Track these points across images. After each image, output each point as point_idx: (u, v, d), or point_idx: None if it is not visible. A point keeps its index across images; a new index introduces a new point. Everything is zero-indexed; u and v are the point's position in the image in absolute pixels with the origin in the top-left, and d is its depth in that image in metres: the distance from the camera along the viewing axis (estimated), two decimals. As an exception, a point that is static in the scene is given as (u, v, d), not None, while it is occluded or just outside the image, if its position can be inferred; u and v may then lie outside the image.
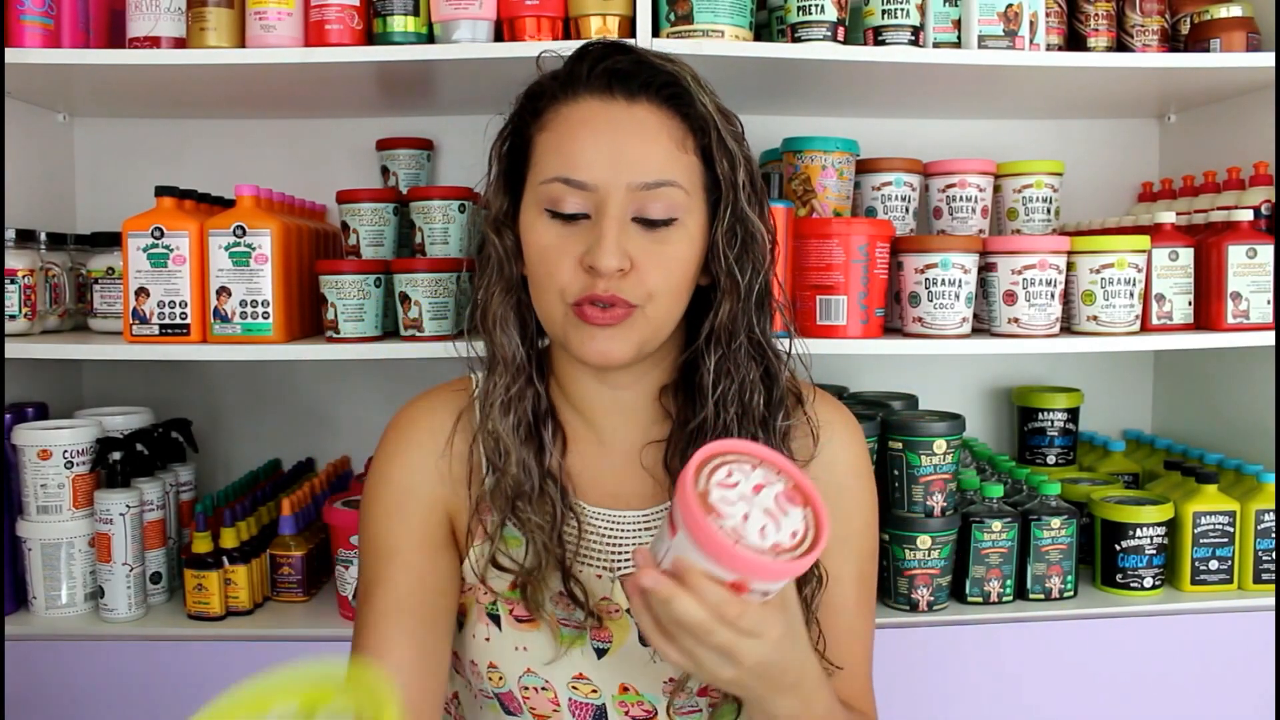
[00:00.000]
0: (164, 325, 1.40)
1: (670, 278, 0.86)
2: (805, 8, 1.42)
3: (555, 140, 0.87)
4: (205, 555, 1.46)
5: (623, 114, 0.86)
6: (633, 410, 0.95)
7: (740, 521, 0.69)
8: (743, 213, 0.89)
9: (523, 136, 0.91)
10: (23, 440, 1.45)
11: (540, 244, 0.87)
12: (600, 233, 0.84)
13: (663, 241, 0.86)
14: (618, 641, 0.92)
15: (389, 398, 1.81)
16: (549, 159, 0.87)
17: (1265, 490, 1.55)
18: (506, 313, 0.93)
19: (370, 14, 1.40)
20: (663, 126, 0.86)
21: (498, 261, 0.92)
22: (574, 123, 0.87)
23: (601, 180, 0.84)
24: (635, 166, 0.84)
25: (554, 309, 0.87)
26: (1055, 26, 1.54)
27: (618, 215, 0.84)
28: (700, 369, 0.92)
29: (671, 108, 0.87)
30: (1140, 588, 1.54)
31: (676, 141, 0.87)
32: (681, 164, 0.87)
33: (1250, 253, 1.51)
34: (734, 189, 0.88)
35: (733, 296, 0.90)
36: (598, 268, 0.83)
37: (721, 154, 0.88)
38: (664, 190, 0.85)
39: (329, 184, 1.67)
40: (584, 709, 0.93)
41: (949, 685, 1.47)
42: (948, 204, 1.62)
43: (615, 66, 0.87)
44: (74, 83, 1.56)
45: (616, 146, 0.85)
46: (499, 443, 0.91)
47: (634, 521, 0.94)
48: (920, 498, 1.46)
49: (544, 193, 0.86)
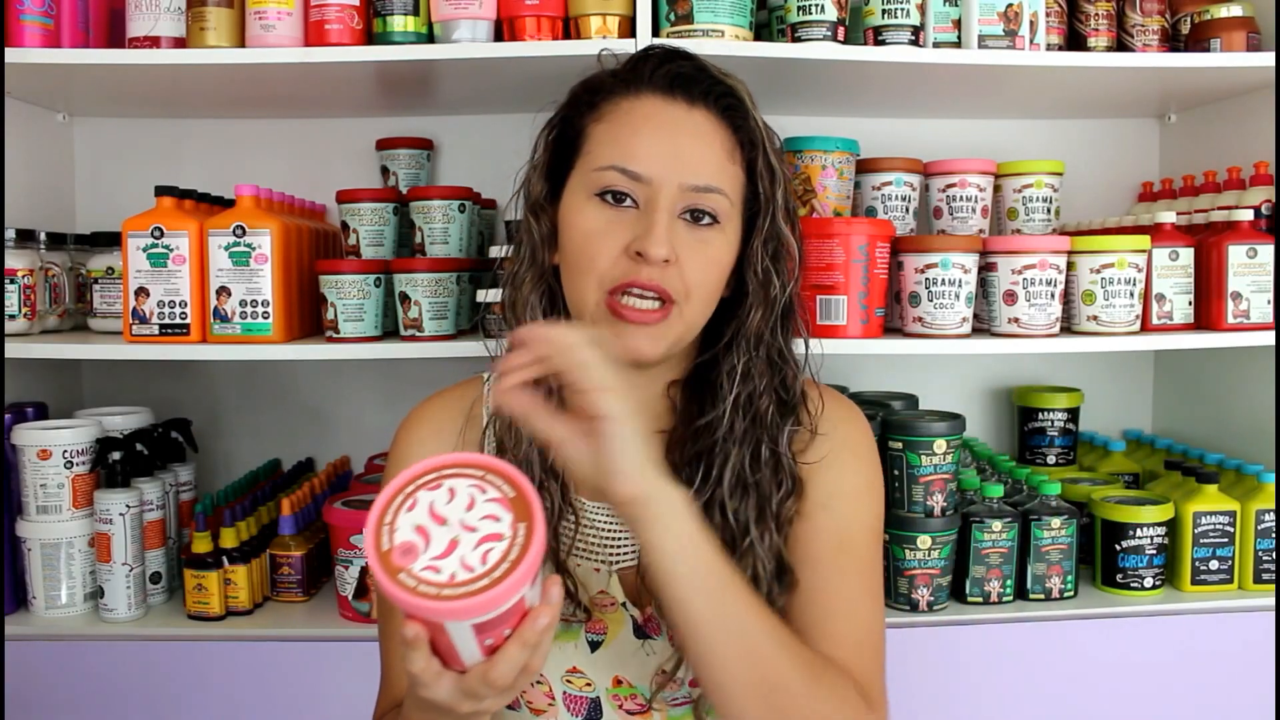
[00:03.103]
0: (164, 325, 1.40)
1: (708, 277, 0.89)
2: (805, 8, 1.42)
3: (613, 131, 0.90)
4: (205, 555, 1.46)
5: (683, 115, 0.90)
6: (641, 403, 0.95)
7: (436, 557, 0.63)
8: (779, 228, 0.93)
9: (575, 126, 0.93)
10: (22, 440, 1.45)
11: (585, 227, 0.88)
12: (651, 222, 0.86)
13: (705, 241, 0.89)
14: (611, 634, 0.93)
15: (389, 398, 1.81)
16: (605, 148, 0.89)
17: (1265, 490, 1.55)
18: (535, 302, 0.94)
19: (370, 14, 1.40)
20: (717, 135, 0.90)
21: (531, 248, 0.94)
22: (635, 117, 0.90)
23: (657, 174, 0.87)
24: (689, 168, 0.88)
25: (588, 295, 0.88)
26: (1055, 26, 1.54)
27: (668, 208, 0.87)
28: (718, 371, 0.94)
29: (726, 119, 0.91)
30: (1140, 588, 1.54)
31: (727, 152, 0.91)
32: (728, 174, 0.90)
33: (1250, 253, 1.51)
34: (773, 205, 0.92)
35: (763, 306, 0.93)
36: (647, 254, 0.85)
37: (766, 170, 0.92)
38: (712, 195, 0.89)
39: (329, 184, 1.67)
40: (579, 702, 0.93)
41: (949, 685, 1.47)
42: (948, 204, 1.62)
43: (679, 70, 0.91)
44: (74, 83, 1.56)
45: (675, 145, 0.88)
46: (512, 427, 0.92)
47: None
48: (920, 498, 1.46)
49: (596, 179, 0.88)
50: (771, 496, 0.92)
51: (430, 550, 0.63)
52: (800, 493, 0.93)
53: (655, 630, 0.93)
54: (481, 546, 0.64)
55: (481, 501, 0.66)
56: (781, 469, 0.93)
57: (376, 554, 0.63)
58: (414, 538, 0.64)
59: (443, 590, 0.62)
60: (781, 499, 0.92)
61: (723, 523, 0.91)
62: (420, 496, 0.66)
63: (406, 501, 0.66)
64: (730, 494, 0.91)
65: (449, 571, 0.62)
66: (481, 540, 0.64)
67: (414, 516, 0.65)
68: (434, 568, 0.63)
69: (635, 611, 0.93)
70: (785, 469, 0.93)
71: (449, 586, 0.62)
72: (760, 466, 0.92)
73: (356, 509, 1.46)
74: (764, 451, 0.92)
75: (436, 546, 0.64)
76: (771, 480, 0.92)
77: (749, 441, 0.92)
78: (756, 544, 0.90)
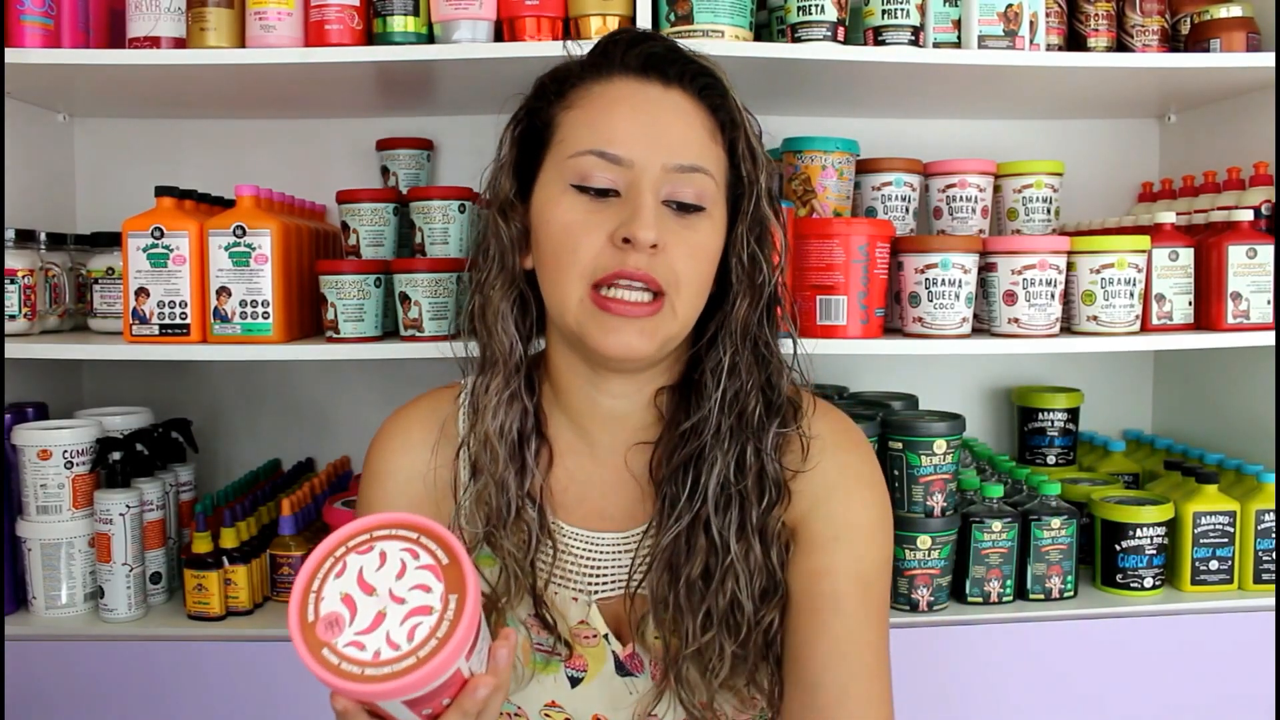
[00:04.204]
0: (164, 325, 1.40)
1: (697, 266, 0.85)
2: (805, 8, 1.42)
3: (587, 116, 0.85)
4: (205, 555, 1.46)
5: (659, 95, 0.85)
6: (626, 417, 0.92)
7: (361, 631, 0.60)
8: (764, 213, 0.89)
9: (543, 118, 0.88)
10: (23, 440, 1.45)
11: (564, 219, 0.83)
12: (637, 206, 0.81)
13: (691, 228, 0.84)
14: (592, 671, 0.90)
15: (389, 398, 1.79)
16: (579, 133, 0.84)
17: (1265, 490, 1.55)
18: (507, 309, 0.90)
19: (370, 14, 1.40)
20: (696, 115, 0.86)
21: (499, 253, 0.89)
22: (609, 99, 0.85)
23: (638, 156, 0.83)
24: (672, 147, 0.83)
25: (571, 291, 0.83)
26: (1055, 26, 1.54)
27: (653, 190, 0.82)
28: (703, 368, 0.89)
29: (704, 99, 0.87)
30: (1140, 588, 1.54)
31: (709, 132, 0.86)
32: (712, 154, 0.86)
33: (1250, 253, 1.51)
34: (757, 187, 0.88)
35: (750, 294, 0.88)
36: (635, 239, 0.80)
37: (748, 152, 0.88)
38: (697, 176, 0.84)
39: (329, 184, 1.67)
40: None
41: (949, 685, 1.47)
42: (948, 204, 1.62)
43: (651, 50, 0.86)
44: (74, 83, 1.56)
45: (654, 125, 0.84)
46: (487, 445, 0.89)
47: (613, 544, 0.91)
48: (920, 498, 1.46)
49: (572, 167, 0.84)
50: (754, 508, 0.87)
51: (356, 624, 0.61)
52: (785, 503, 0.89)
53: (638, 668, 0.89)
54: (409, 621, 0.60)
55: (413, 569, 0.62)
56: (766, 476, 0.88)
57: (300, 628, 0.61)
58: (340, 608, 0.61)
59: (365, 670, 0.59)
60: (765, 510, 0.88)
61: (708, 543, 0.86)
62: (350, 561, 0.63)
63: (336, 566, 0.63)
64: (715, 509, 0.86)
65: (373, 649, 0.59)
66: (409, 614, 0.61)
67: (341, 584, 0.62)
68: (358, 643, 0.60)
69: (617, 645, 0.90)
70: (769, 476, 0.88)
71: (372, 665, 0.59)
72: (745, 474, 0.88)
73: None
74: (749, 457, 0.88)
75: (362, 620, 0.61)
76: (754, 489, 0.88)
77: (735, 445, 0.88)
78: (738, 561, 0.86)
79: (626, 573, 0.89)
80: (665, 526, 0.87)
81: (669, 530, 0.87)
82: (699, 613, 0.85)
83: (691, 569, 0.86)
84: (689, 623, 0.85)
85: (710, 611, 0.85)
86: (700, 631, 0.85)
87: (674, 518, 0.87)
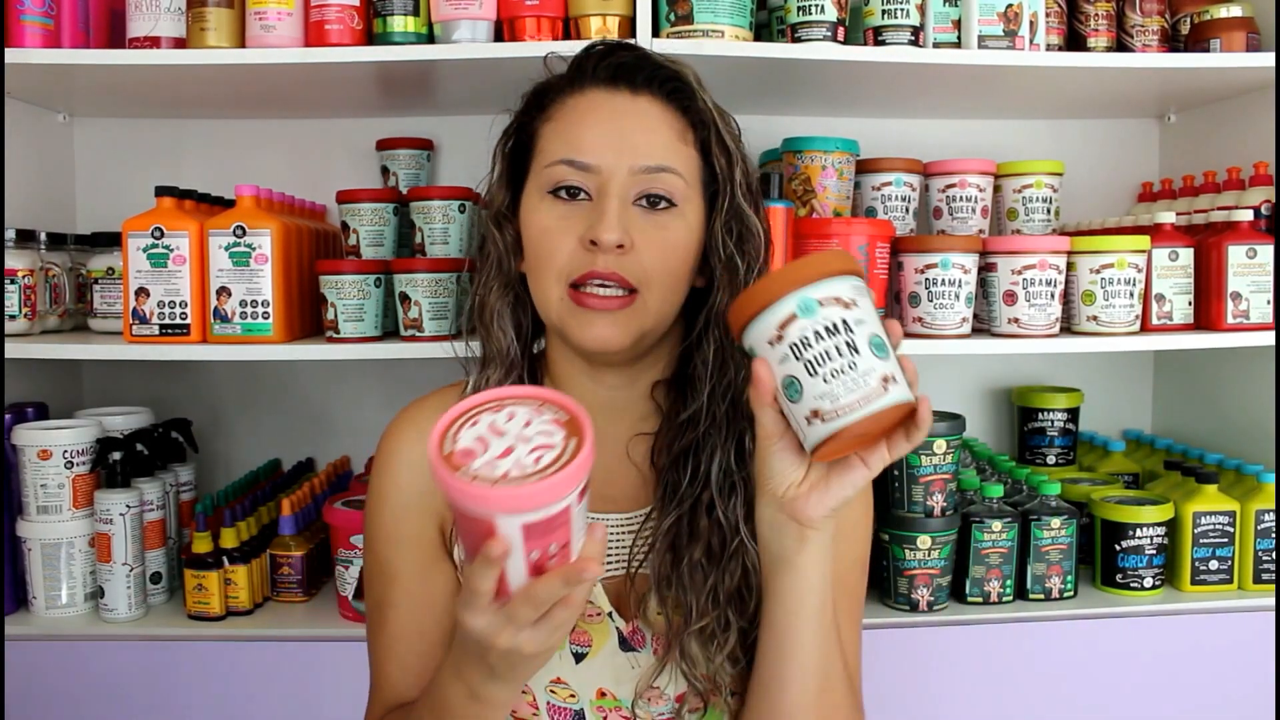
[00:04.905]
0: (164, 325, 1.40)
1: (667, 262, 0.89)
2: (805, 8, 1.42)
3: (560, 128, 0.90)
4: (205, 555, 1.46)
5: (627, 104, 0.90)
6: (625, 407, 0.96)
7: (493, 458, 0.68)
8: (739, 207, 0.92)
9: (527, 131, 0.94)
10: (23, 440, 1.45)
11: (541, 225, 0.89)
12: (602, 209, 0.86)
13: (661, 226, 0.89)
14: (596, 646, 0.92)
15: (389, 398, 1.81)
16: (553, 145, 0.90)
17: (1265, 490, 1.55)
18: (503, 308, 0.95)
19: (370, 14, 1.40)
20: (664, 118, 0.90)
21: (497, 258, 0.95)
22: (580, 110, 0.90)
23: (605, 163, 0.87)
24: (637, 151, 0.88)
25: (551, 292, 0.88)
26: (1055, 26, 1.54)
27: (619, 194, 0.87)
28: (695, 361, 0.93)
29: (673, 102, 0.91)
30: (1140, 588, 1.54)
31: (677, 133, 0.90)
32: (681, 155, 0.90)
33: (1250, 253, 1.51)
34: (731, 183, 0.91)
35: (729, 289, 0.91)
36: (599, 240, 0.85)
37: (720, 150, 0.91)
38: (664, 175, 0.88)
39: (329, 184, 1.67)
40: (562, 713, 0.92)
41: (949, 685, 1.47)
42: (948, 204, 1.62)
43: (620, 61, 0.91)
44: (74, 83, 1.56)
45: (620, 132, 0.88)
46: None
47: (618, 524, 0.94)
48: (920, 498, 1.46)
49: (547, 176, 0.89)
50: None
51: (488, 454, 0.68)
52: None
53: (640, 643, 0.92)
54: (535, 452, 0.68)
55: (538, 421, 0.70)
56: None
57: (439, 454, 0.68)
58: (474, 445, 0.69)
59: (496, 483, 0.66)
60: None
61: (711, 525, 0.90)
62: (482, 417, 0.71)
63: (469, 420, 0.71)
64: (719, 493, 0.91)
65: (503, 469, 0.67)
66: (535, 449, 0.68)
67: (475, 431, 0.70)
68: (490, 465, 0.67)
69: (621, 623, 0.92)
70: None
71: (502, 481, 0.66)
72: (745, 460, 0.91)
73: (356, 509, 1.46)
74: (748, 444, 0.92)
75: (494, 451, 0.68)
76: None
77: (733, 432, 0.92)
78: (746, 541, 0.90)
79: (628, 553, 0.93)
80: (667, 509, 0.91)
81: (670, 513, 0.91)
82: (703, 591, 0.89)
83: (694, 551, 0.90)
84: (693, 600, 0.88)
85: (716, 589, 0.89)
86: (710, 608, 0.89)
87: (676, 501, 0.91)
